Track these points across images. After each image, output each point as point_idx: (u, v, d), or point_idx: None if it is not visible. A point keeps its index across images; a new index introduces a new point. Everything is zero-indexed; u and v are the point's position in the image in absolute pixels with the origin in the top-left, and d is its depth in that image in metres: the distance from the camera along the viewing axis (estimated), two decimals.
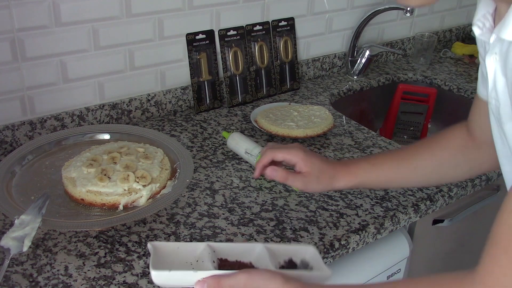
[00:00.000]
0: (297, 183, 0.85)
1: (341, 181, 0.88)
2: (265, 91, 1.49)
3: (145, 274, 0.83)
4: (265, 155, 0.88)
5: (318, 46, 1.62)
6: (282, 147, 0.89)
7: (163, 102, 1.35)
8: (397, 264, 1.06)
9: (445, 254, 1.32)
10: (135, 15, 1.23)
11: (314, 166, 0.85)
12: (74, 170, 0.97)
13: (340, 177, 0.87)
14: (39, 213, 0.83)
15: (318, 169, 0.85)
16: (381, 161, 0.90)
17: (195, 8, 1.32)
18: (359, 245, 0.97)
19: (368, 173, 0.88)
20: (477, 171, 0.92)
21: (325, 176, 0.86)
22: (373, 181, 0.89)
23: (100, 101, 1.26)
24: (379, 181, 0.89)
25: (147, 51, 1.29)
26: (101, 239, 0.90)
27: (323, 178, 0.86)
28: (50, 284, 0.80)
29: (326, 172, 0.86)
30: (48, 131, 1.19)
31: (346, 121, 1.38)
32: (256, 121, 1.29)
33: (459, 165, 0.89)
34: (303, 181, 0.85)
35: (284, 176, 0.85)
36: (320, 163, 0.86)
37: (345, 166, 0.89)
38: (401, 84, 1.62)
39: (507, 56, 0.61)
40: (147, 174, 0.97)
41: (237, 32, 1.41)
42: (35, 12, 1.10)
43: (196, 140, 1.25)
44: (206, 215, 0.98)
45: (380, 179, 0.89)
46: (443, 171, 0.90)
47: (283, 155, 0.86)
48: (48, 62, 1.15)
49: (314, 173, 0.85)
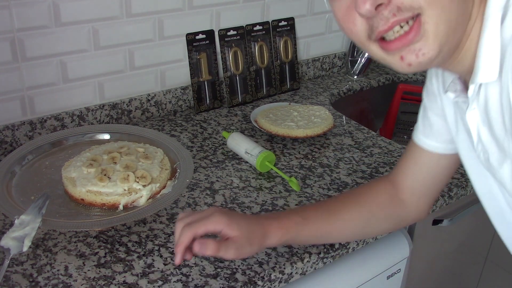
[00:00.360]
0: (230, 252, 0.74)
1: (273, 238, 0.80)
2: (265, 91, 1.49)
3: (145, 274, 0.83)
4: (183, 234, 0.74)
5: (318, 46, 1.62)
6: (199, 218, 0.76)
7: (163, 102, 1.35)
8: (397, 264, 1.06)
9: (445, 254, 1.32)
10: (135, 15, 1.23)
11: (241, 229, 0.76)
12: (74, 170, 0.97)
13: (272, 234, 0.80)
14: (39, 213, 0.83)
15: (246, 230, 0.77)
16: (313, 215, 0.85)
17: (195, 8, 1.32)
18: (359, 245, 0.97)
19: (300, 227, 0.82)
20: (404, 223, 0.93)
21: (256, 236, 0.78)
22: (306, 235, 0.84)
23: (100, 101, 1.26)
24: (311, 235, 0.85)
25: (147, 51, 1.29)
26: (101, 239, 0.90)
27: (255, 238, 0.77)
28: (50, 284, 0.80)
29: (256, 231, 0.78)
30: (48, 131, 1.19)
31: (346, 121, 1.38)
32: (256, 121, 1.29)
33: (386, 219, 0.90)
34: (236, 247, 0.75)
35: (215, 248, 0.73)
36: (247, 223, 0.78)
37: (276, 221, 0.81)
38: (401, 84, 1.62)
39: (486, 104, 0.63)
40: (147, 174, 0.97)
41: (237, 32, 1.41)
42: (35, 12, 1.10)
43: (196, 140, 1.25)
44: None
45: (312, 233, 0.84)
46: (371, 226, 0.90)
47: (205, 228, 0.75)
48: (48, 62, 1.15)
49: (243, 235, 0.76)
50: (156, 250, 0.88)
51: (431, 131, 0.83)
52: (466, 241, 1.37)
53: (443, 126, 0.81)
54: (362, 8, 0.58)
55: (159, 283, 0.82)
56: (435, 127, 0.82)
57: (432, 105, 0.81)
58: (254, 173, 1.12)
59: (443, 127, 0.81)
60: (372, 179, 0.91)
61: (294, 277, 0.89)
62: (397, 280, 1.08)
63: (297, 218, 0.83)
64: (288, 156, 1.20)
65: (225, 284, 0.82)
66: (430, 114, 0.82)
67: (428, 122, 0.82)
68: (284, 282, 0.88)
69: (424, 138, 0.84)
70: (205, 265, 0.86)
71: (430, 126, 0.82)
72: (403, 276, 1.10)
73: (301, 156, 1.20)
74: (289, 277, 0.88)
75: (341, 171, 1.15)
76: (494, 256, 1.47)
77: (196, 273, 0.84)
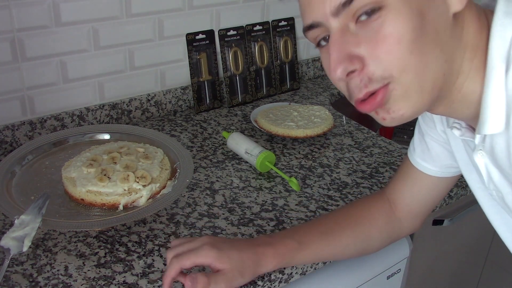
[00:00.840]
0: (220, 285, 0.73)
1: (268, 266, 0.79)
2: (265, 91, 1.49)
3: (145, 274, 0.83)
4: (171, 267, 0.74)
5: None
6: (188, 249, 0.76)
7: (163, 102, 1.35)
8: (397, 264, 1.06)
9: (445, 254, 1.32)
10: (135, 15, 1.23)
11: (232, 261, 0.75)
12: (74, 170, 0.97)
13: (267, 261, 0.79)
14: (39, 213, 0.83)
15: (237, 261, 0.75)
16: (308, 239, 0.84)
17: (195, 8, 1.32)
18: None
19: (295, 253, 0.82)
20: (398, 238, 0.94)
21: (248, 266, 0.77)
22: (300, 260, 0.83)
23: (100, 101, 1.26)
24: (306, 259, 0.84)
25: (147, 51, 1.29)
26: (101, 239, 0.90)
27: (247, 269, 0.76)
28: (50, 284, 0.80)
29: (247, 261, 0.77)
30: (48, 131, 1.19)
31: (346, 121, 1.38)
32: (256, 121, 1.29)
33: (381, 239, 0.90)
34: (226, 281, 0.74)
35: (205, 283, 0.72)
36: (239, 255, 0.76)
37: (271, 248, 0.80)
38: None
39: (492, 150, 0.63)
40: (147, 174, 0.97)
41: (237, 32, 1.41)
42: (35, 12, 1.10)
43: (196, 140, 1.25)
44: (206, 215, 0.98)
45: (307, 258, 0.84)
46: (367, 247, 0.90)
47: (192, 261, 0.74)
48: (48, 62, 1.15)
49: (234, 267, 0.75)
50: (156, 250, 0.88)
51: (429, 156, 0.82)
52: (466, 241, 1.37)
53: (442, 152, 0.81)
54: (334, 75, 0.59)
55: (159, 283, 0.82)
56: (433, 152, 0.82)
57: (429, 131, 0.81)
58: (254, 173, 1.12)
59: (442, 153, 0.81)
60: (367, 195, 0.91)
61: (294, 277, 0.89)
62: (397, 280, 1.08)
63: (292, 243, 0.82)
64: (288, 156, 1.20)
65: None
66: (428, 139, 0.82)
67: (426, 147, 0.82)
68: (284, 282, 0.88)
69: (422, 162, 0.84)
70: None
71: (428, 151, 0.82)
72: (403, 276, 1.10)
73: (301, 156, 1.20)
74: (289, 277, 0.88)
75: (341, 171, 1.15)
76: (494, 256, 1.47)
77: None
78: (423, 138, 0.83)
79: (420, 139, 0.83)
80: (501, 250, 0.84)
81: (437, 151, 0.81)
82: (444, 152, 0.80)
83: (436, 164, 0.82)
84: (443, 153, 0.81)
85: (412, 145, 0.86)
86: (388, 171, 1.15)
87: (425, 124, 0.81)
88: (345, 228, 0.87)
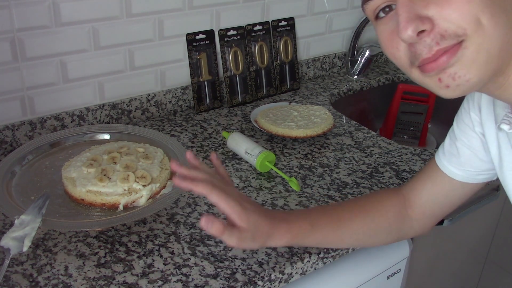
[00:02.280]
0: (232, 240, 0.74)
1: (278, 240, 0.80)
2: (265, 91, 1.49)
3: (145, 274, 0.83)
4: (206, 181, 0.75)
5: (318, 46, 1.62)
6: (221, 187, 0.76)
7: (163, 102, 1.35)
8: (397, 264, 1.06)
9: (445, 254, 1.32)
10: (135, 15, 1.23)
11: (250, 223, 0.75)
12: (74, 170, 0.97)
13: (278, 236, 0.79)
14: (39, 213, 0.83)
15: (254, 225, 0.76)
16: (321, 222, 0.85)
17: (195, 8, 1.32)
18: None
19: (306, 234, 0.83)
20: (405, 237, 0.94)
21: (261, 234, 0.77)
22: (310, 242, 0.85)
23: (100, 101, 1.26)
24: (315, 242, 0.86)
25: (147, 51, 1.29)
26: (101, 239, 0.90)
27: (259, 236, 0.77)
28: (50, 284, 0.80)
29: (262, 229, 0.77)
30: (48, 131, 1.19)
31: (346, 121, 1.38)
32: (256, 121, 1.29)
33: (391, 232, 0.91)
34: (239, 237, 0.74)
35: (220, 230, 0.72)
36: (257, 219, 0.77)
37: (286, 224, 0.81)
38: (401, 84, 1.62)
39: None
40: (147, 174, 0.97)
41: (237, 32, 1.41)
42: (35, 12, 1.10)
43: (196, 140, 1.25)
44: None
45: (317, 241, 0.85)
46: (375, 237, 0.90)
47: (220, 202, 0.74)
48: (48, 62, 1.15)
49: (249, 229, 0.76)
50: (156, 250, 0.88)
51: (458, 160, 0.83)
52: (466, 241, 1.37)
53: (472, 159, 0.81)
54: (404, 34, 0.57)
55: (159, 283, 0.82)
56: (463, 158, 0.82)
57: (462, 136, 0.81)
58: (254, 173, 1.12)
59: (471, 159, 0.81)
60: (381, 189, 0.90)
61: (294, 277, 0.89)
62: (397, 280, 1.08)
63: (306, 225, 0.82)
64: (288, 156, 1.20)
65: (225, 284, 0.82)
66: (459, 145, 0.82)
67: (456, 151, 0.82)
68: (284, 282, 0.88)
69: (448, 165, 0.84)
70: (205, 265, 0.86)
71: (457, 155, 0.83)
72: (403, 276, 1.10)
73: (301, 156, 1.20)
74: (289, 277, 0.88)
75: (341, 171, 1.15)
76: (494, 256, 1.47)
77: (196, 273, 0.84)
78: (454, 143, 0.83)
79: (450, 144, 0.84)
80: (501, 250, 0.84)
81: (467, 157, 0.81)
82: (473, 158, 0.81)
83: (462, 169, 0.83)
84: (472, 159, 0.81)
85: (442, 149, 0.86)
86: (388, 171, 1.15)
87: (458, 129, 0.82)
88: (357, 215, 0.88)
